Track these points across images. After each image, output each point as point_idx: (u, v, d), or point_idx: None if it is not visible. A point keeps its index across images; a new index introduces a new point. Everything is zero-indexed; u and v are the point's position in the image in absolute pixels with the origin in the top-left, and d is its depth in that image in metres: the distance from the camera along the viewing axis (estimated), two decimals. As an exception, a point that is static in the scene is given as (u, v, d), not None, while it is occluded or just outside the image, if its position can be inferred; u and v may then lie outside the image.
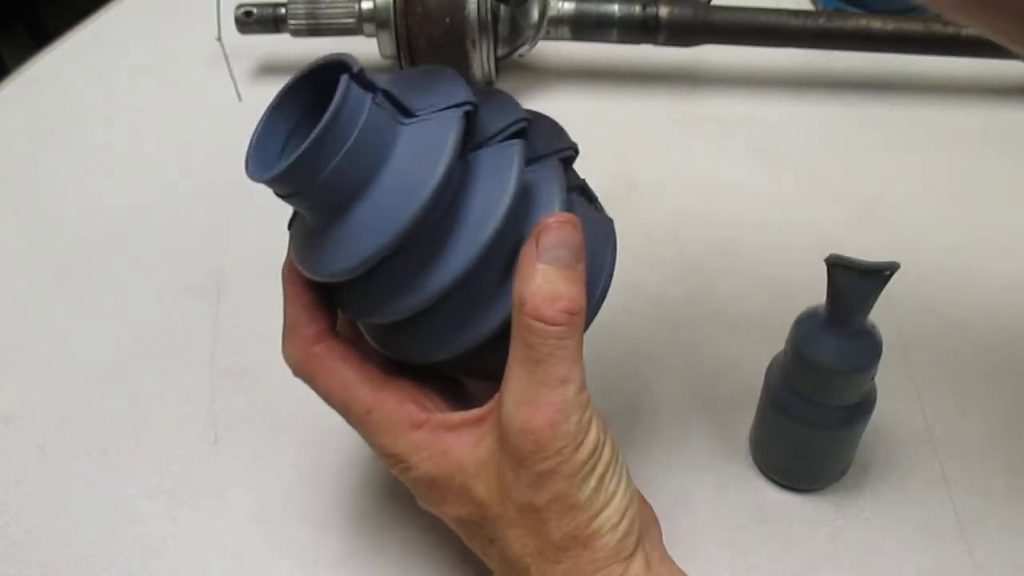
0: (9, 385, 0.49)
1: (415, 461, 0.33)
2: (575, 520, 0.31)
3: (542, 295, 0.30)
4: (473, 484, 0.32)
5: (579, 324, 0.31)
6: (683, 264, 0.54)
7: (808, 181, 0.59)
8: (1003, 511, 0.43)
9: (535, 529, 0.32)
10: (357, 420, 0.34)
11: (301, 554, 0.42)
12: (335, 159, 0.29)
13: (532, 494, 0.31)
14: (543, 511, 0.31)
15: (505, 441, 0.31)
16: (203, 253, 0.55)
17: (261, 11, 0.63)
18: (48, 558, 0.42)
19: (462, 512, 0.33)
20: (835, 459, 0.42)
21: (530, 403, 0.31)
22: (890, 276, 0.35)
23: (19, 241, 0.57)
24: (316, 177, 0.30)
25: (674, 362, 0.49)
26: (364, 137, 0.29)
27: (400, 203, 0.30)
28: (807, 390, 0.39)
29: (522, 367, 0.31)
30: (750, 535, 0.42)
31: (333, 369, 0.34)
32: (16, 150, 0.64)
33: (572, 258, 0.31)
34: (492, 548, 0.33)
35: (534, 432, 0.30)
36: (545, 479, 0.31)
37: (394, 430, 0.33)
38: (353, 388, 0.34)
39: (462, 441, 0.33)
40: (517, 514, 0.32)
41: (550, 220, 0.31)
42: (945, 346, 0.49)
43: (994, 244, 0.54)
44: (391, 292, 0.32)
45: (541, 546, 0.32)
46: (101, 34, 0.73)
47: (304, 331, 0.35)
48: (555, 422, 0.30)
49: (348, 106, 0.29)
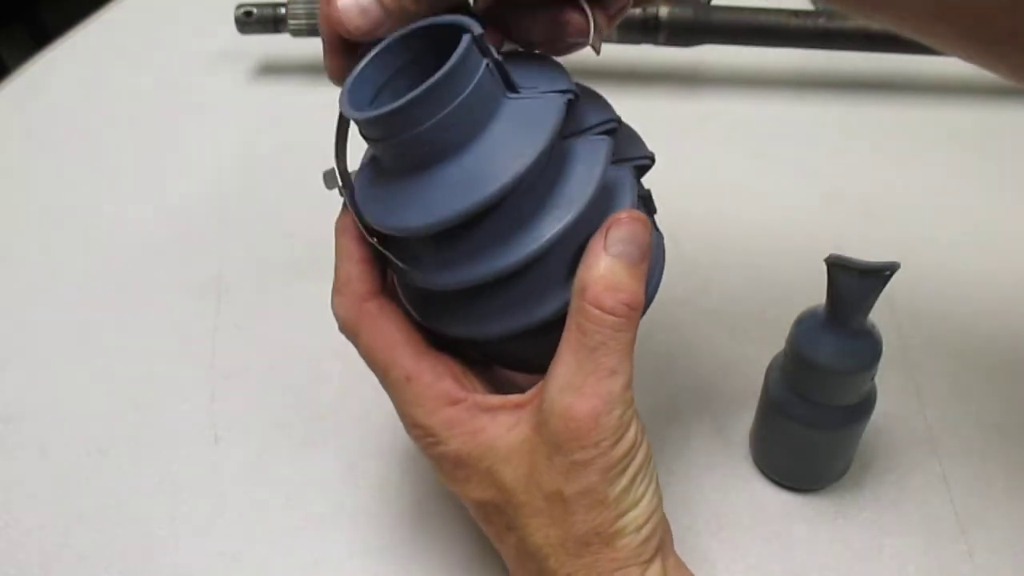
0: (9, 385, 0.49)
1: (445, 437, 0.33)
2: (601, 516, 0.31)
3: (604, 284, 0.30)
4: (501, 468, 0.32)
5: (635, 320, 0.31)
6: (683, 264, 0.54)
7: (808, 181, 0.59)
8: (1003, 511, 0.43)
9: (560, 520, 0.32)
10: (394, 386, 0.34)
11: (301, 554, 0.42)
12: (441, 113, 0.29)
13: (563, 483, 0.31)
14: (571, 502, 0.31)
15: (544, 427, 0.31)
16: (203, 254, 0.55)
17: (261, 11, 0.63)
18: (48, 558, 0.42)
19: (485, 495, 0.33)
20: (835, 459, 0.42)
21: (577, 390, 0.31)
22: (890, 276, 0.35)
23: (19, 241, 0.57)
24: (417, 126, 0.29)
25: (674, 362, 0.49)
26: (472, 98, 0.30)
27: (493, 170, 0.30)
28: (807, 390, 0.39)
29: (573, 354, 0.31)
30: (750, 535, 0.42)
31: (381, 328, 0.34)
32: (16, 150, 0.64)
33: (638, 255, 0.31)
34: (510, 536, 0.33)
35: (576, 420, 0.31)
36: (579, 469, 0.31)
37: (429, 403, 0.33)
38: (397, 351, 0.33)
39: (496, 424, 0.33)
40: (544, 502, 0.32)
41: (622, 215, 0.31)
42: (945, 346, 0.49)
43: (994, 244, 0.54)
44: (458, 259, 0.32)
45: (563, 538, 0.32)
46: (101, 34, 0.73)
47: (357, 286, 0.34)
48: (599, 413, 0.31)
49: (466, 64, 0.29)
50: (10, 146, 0.64)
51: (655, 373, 0.48)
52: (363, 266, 0.34)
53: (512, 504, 0.32)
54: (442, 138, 0.30)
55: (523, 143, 0.30)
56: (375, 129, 0.31)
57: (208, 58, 0.69)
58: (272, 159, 0.61)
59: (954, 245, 0.54)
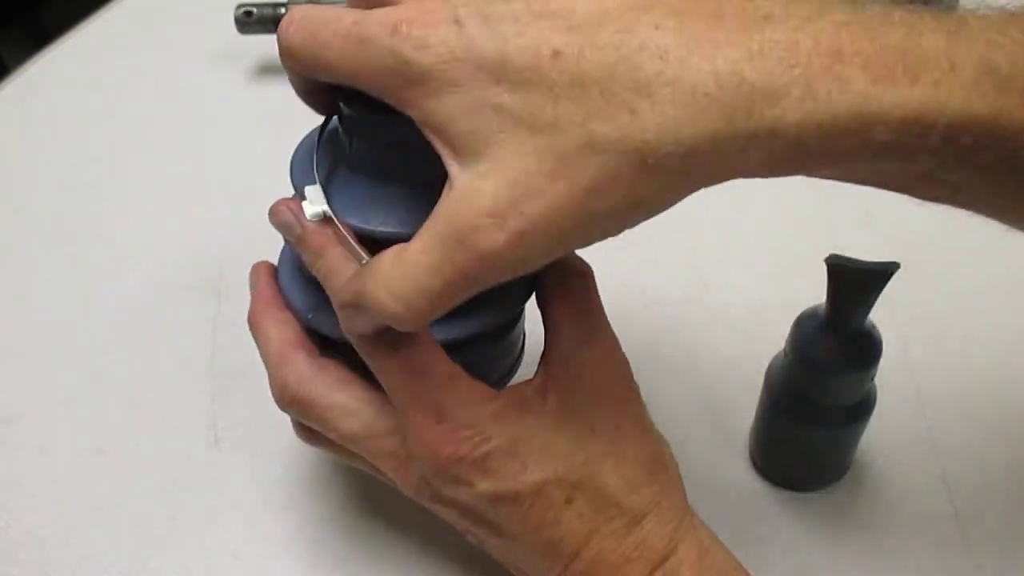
0: (9, 385, 0.49)
1: (496, 430, 0.32)
2: (651, 442, 0.35)
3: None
4: (554, 438, 0.33)
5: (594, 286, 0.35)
6: (683, 264, 0.54)
7: (808, 181, 0.58)
8: (1003, 511, 0.43)
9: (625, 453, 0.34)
10: (437, 385, 0.32)
11: (301, 554, 0.42)
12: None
13: (618, 417, 0.34)
14: (630, 433, 0.34)
15: (575, 384, 0.33)
16: (203, 254, 0.55)
17: (261, 11, 0.63)
18: (48, 558, 0.42)
19: (544, 474, 0.32)
20: (835, 459, 0.42)
21: (588, 340, 0.34)
22: (890, 276, 0.35)
23: (19, 241, 0.57)
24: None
25: (674, 362, 0.49)
26: None
27: None
28: (807, 390, 0.39)
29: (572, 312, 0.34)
30: (750, 535, 0.42)
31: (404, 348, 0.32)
32: (16, 150, 0.64)
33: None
34: (569, 508, 0.33)
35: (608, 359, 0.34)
36: (623, 402, 0.34)
37: (474, 399, 0.33)
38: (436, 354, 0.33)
39: (534, 407, 0.33)
40: (609, 444, 0.33)
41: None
42: (945, 346, 0.49)
43: (994, 244, 0.54)
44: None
45: (635, 469, 0.33)
46: (101, 34, 0.73)
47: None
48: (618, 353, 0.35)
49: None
50: (10, 146, 0.64)
51: (655, 373, 0.48)
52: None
53: (576, 466, 0.33)
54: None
55: None
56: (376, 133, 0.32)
57: (208, 58, 0.69)
58: (272, 159, 0.60)
59: (954, 245, 0.54)
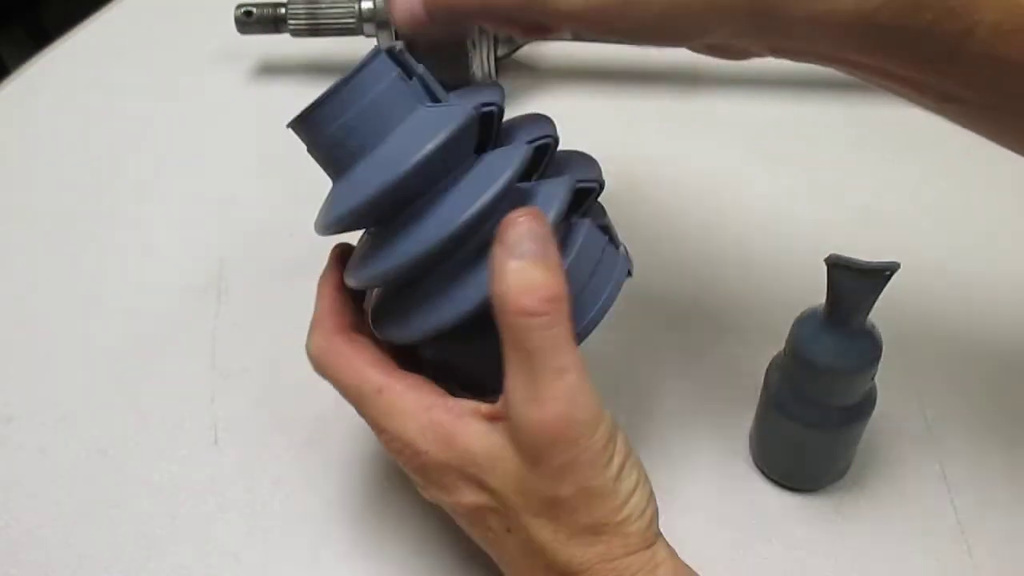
0: (9, 385, 0.49)
1: (423, 445, 0.33)
2: (604, 508, 0.32)
3: (518, 289, 0.30)
4: (487, 477, 0.32)
5: (562, 311, 0.31)
6: (683, 264, 0.54)
7: (808, 181, 0.58)
8: (1003, 511, 0.43)
9: (563, 518, 0.32)
10: (368, 402, 0.34)
11: (301, 554, 0.42)
12: (344, 116, 0.32)
13: (556, 488, 0.31)
14: (569, 502, 0.31)
15: (519, 442, 0.31)
16: (203, 254, 0.55)
17: (261, 11, 0.63)
18: (48, 558, 0.42)
19: (479, 499, 0.33)
20: (835, 459, 0.42)
21: (535, 401, 0.30)
22: (890, 276, 0.35)
23: (18, 241, 0.57)
24: (325, 129, 0.32)
25: (674, 362, 0.49)
26: (377, 103, 0.32)
27: (383, 170, 0.32)
28: (807, 390, 0.39)
29: (518, 366, 0.31)
30: (750, 535, 0.42)
31: (349, 355, 0.35)
32: (16, 150, 0.64)
33: (541, 249, 0.31)
34: (510, 537, 0.33)
35: (546, 427, 0.30)
36: (566, 472, 0.31)
37: (402, 413, 0.33)
38: (367, 370, 0.34)
39: (470, 430, 0.33)
40: (541, 505, 0.32)
41: (512, 216, 0.31)
42: (945, 346, 0.49)
43: (994, 244, 0.54)
44: (365, 257, 0.34)
45: (572, 532, 0.32)
46: (101, 34, 0.73)
47: (328, 323, 0.36)
48: (565, 412, 0.30)
49: (368, 71, 0.32)
50: (10, 146, 0.64)
51: (655, 373, 0.48)
52: (334, 304, 0.36)
53: (509, 507, 0.32)
54: (351, 139, 0.32)
55: (416, 143, 0.31)
56: (298, 133, 0.33)
57: (208, 58, 0.69)
58: (272, 159, 0.61)
59: (954, 245, 0.54)
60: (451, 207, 0.32)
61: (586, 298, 0.34)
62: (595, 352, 0.49)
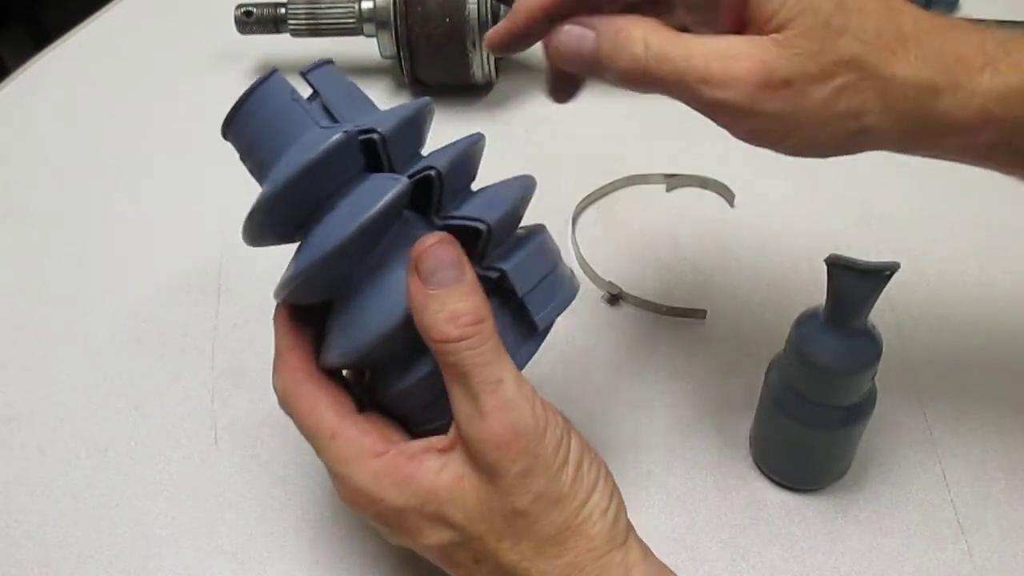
0: (9, 385, 0.49)
1: (378, 492, 0.33)
2: (564, 512, 0.32)
3: (443, 319, 0.31)
4: (447, 509, 0.32)
5: (486, 329, 0.32)
6: (682, 265, 0.54)
7: (808, 181, 0.58)
8: (1003, 511, 0.43)
9: (526, 532, 0.32)
10: (323, 448, 0.34)
11: (301, 554, 0.42)
12: (247, 130, 0.35)
13: (514, 499, 0.32)
14: (530, 512, 0.32)
15: (474, 461, 0.32)
16: (203, 253, 0.55)
17: (261, 11, 0.63)
18: (48, 558, 0.42)
19: (443, 538, 0.33)
20: (835, 459, 0.42)
21: (479, 413, 0.31)
22: (890, 276, 0.35)
23: (18, 240, 0.57)
24: (237, 142, 0.36)
25: (674, 362, 0.49)
26: (271, 122, 0.34)
27: (268, 187, 0.34)
28: (807, 390, 0.39)
29: (456, 387, 0.32)
30: (750, 535, 0.42)
31: (308, 393, 0.35)
32: (16, 150, 0.64)
33: (456, 274, 0.32)
34: (481, 567, 0.33)
35: (494, 437, 0.31)
36: (522, 480, 0.31)
37: (356, 459, 0.34)
38: (322, 412, 0.35)
39: (424, 468, 0.33)
40: (504, 523, 0.32)
41: (422, 246, 0.32)
42: (945, 346, 0.49)
43: (994, 244, 0.54)
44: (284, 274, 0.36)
45: (536, 546, 0.32)
46: (101, 34, 0.73)
47: (288, 359, 0.36)
48: (509, 422, 0.31)
49: (261, 93, 0.34)
50: (10, 146, 0.64)
51: (655, 374, 0.48)
52: (292, 339, 0.36)
53: (474, 537, 0.32)
54: (258, 152, 0.35)
55: (296, 159, 0.33)
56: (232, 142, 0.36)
57: (208, 58, 0.69)
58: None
59: (954, 245, 0.54)
60: (330, 226, 0.33)
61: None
62: (595, 352, 0.50)
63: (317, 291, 0.35)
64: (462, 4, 0.59)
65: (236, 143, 0.36)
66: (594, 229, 0.55)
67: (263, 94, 0.34)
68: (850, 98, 0.32)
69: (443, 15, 0.59)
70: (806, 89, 0.32)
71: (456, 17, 0.59)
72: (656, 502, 0.43)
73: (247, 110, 0.35)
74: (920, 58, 0.32)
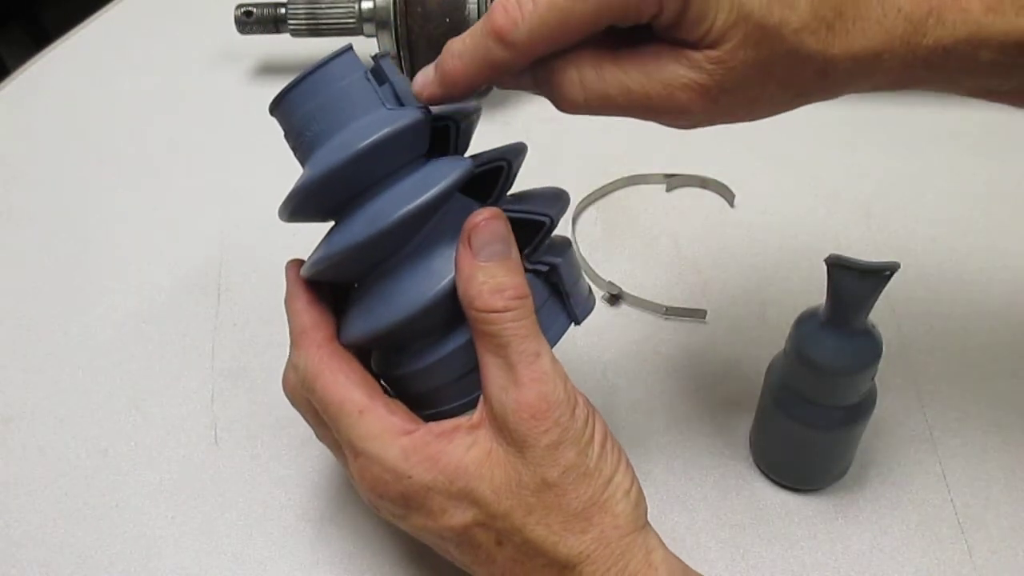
0: (9, 385, 0.49)
1: (407, 469, 0.33)
2: (591, 486, 0.32)
3: (488, 290, 0.32)
4: (476, 485, 0.32)
5: (528, 305, 0.33)
6: (683, 264, 0.54)
7: (808, 181, 0.59)
8: (1003, 511, 0.43)
9: (555, 505, 0.32)
10: (350, 423, 0.34)
11: (301, 554, 0.42)
12: (309, 104, 0.34)
13: (545, 471, 0.32)
14: (559, 484, 0.32)
15: (503, 430, 0.32)
16: (203, 253, 0.55)
17: (261, 11, 0.63)
18: (48, 558, 0.42)
19: (467, 518, 0.33)
20: (835, 459, 0.42)
21: (514, 383, 0.32)
22: (890, 276, 0.35)
23: (18, 241, 0.57)
24: (293, 114, 0.34)
25: (674, 362, 0.49)
26: (340, 96, 0.34)
27: (331, 156, 0.33)
28: (807, 390, 0.39)
29: (493, 357, 0.33)
30: (750, 535, 0.42)
31: (336, 368, 0.35)
32: (16, 150, 0.64)
33: (506, 249, 0.33)
34: (502, 549, 0.33)
35: (528, 407, 0.32)
36: (552, 451, 0.32)
37: (384, 435, 0.33)
38: (351, 388, 0.34)
39: (454, 446, 0.33)
40: (533, 496, 0.32)
41: (477, 219, 0.33)
42: (945, 346, 0.49)
43: (994, 244, 0.54)
44: (316, 250, 0.35)
45: (564, 520, 0.32)
46: (101, 34, 0.73)
47: (313, 334, 0.36)
48: (544, 393, 0.32)
49: (334, 66, 0.34)
50: (10, 146, 0.64)
51: (655, 374, 0.48)
52: (314, 317, 0.36)
53: (499, 515, 0.33)
54: (315, 126, 0.34)
55: (358, 136, 0.33)
56: (278, 118, 0.35)
57: (208, 58, 0.69)
58: (272, 159, 0.61)
59: (954, 245, 0.54)
60: (386, 203, 0.33)
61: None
62: (595, 353, 0.50)
63: (363, 263, 0.34)
64: (462, 4, 0.59)
65: (291, 115, 0.35)
66: (594, 229, 0.55)
67: (337, 66, 0.34)
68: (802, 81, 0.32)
69: (443, 15, 0.59)
70: (752, 89, 0.32)
71: (456, 17, 0.59)
72: (656, 502, 0.43)
73: (316, 80, 0.34)
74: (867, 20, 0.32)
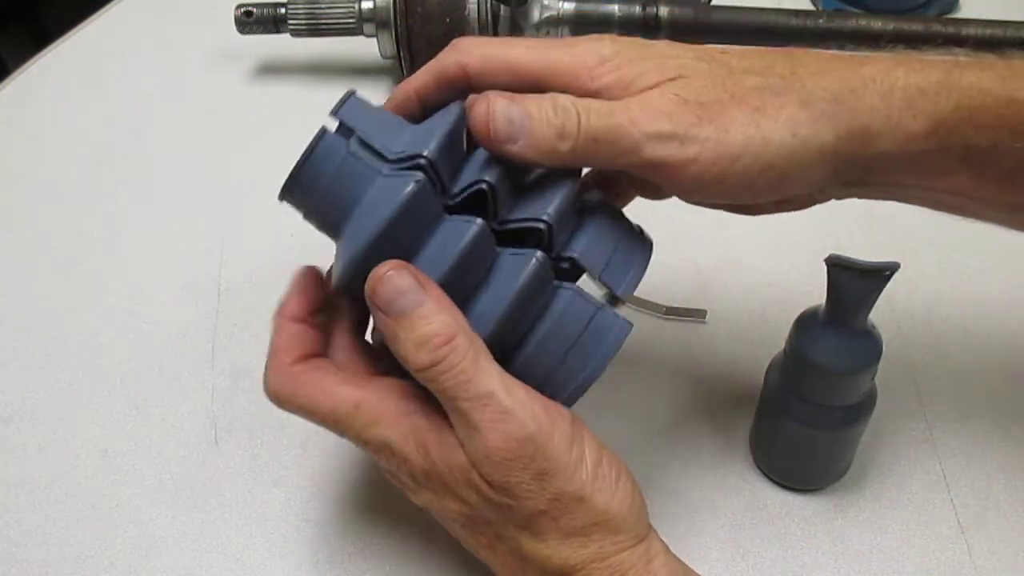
0: (9, 385, 0.49)
1: (407, 452, 0.33)
2: (587, 511, 0.32)
3: (412, 348, 0.31)
4: (462, 491, 0.32)
5: (459, 347, 0.31)
6: (683, 264, 0.54)
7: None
8: (1003, 511, 0.43)
9: (549, 528, 0.32)
10: (347, 420, 0.34)
11: (301, 554, 0.42)
12: (311, 197, 0.34)
13: (534, 503, 0.31)
14: (550, 513, 0.32)
15: (485, 476, 0.32)
16: (203, 253, 0.55)
17: (261, 11, 0.63)
18: (48, 558, 0.42)
19: (463, 508, 0.33)
20: (835, 459, 0.42)
21: (475, 430, 0.31)
22: (890, 276, 0.35)
23: (19, 241, 0.57)
24: (302, 207, 0.35)
25: (674, 362, 0.49)
26: (334, 181, 0.33)
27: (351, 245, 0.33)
28: (807, 390, 0.39)
29: (449, 410, 0.32)
30: (750, 535, 0.42)
31: (313, 380, 0.34)
32: (16, 150, 0.64)
33: (413, 300, 0.31)
34: (501, 545, 0.33)
35: (497, 451, 0.31)
36: (539, 483, 0.31)
37: (383, 419, 0.33)
38: (336, 390, 0.34)
39: (443, 441, 0.32)
40: (523, 521, 0.32)
41: (371, 282, 0.32)
42: (945, 346, 0.49)
43: (994, 244, 0.54)
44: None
45: (561, 536, 0.32)
46: (101, 34, 0.73)
47: (282, 357, 0.35)
48: (508, 432, 0.31)
49: (319, 154, 0.33)
50: (10, 146, 0.64)
51: (655, 374, 0.48)
52: (291, 336, 0.36)
53: (489, 521, 0.33)
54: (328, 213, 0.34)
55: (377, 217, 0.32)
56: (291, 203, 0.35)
57: (208, 58, 0.69)
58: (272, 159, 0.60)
59: (954, 245, 0.54)
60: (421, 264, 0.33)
61: (562, 374, 0.34)
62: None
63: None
64: (462, 4, 0.59)
65: (299, 207, 0.35)
66: (594, 229, 0.55)
67: (318, 158, 0.33)
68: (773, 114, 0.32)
69: (443, 15, 0.59)
70: (726, 111, 0.32)
71: (456, 17, 0.59)
72: (656, 502, 0.43)
73: (306, 176, 0.33)
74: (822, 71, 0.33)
